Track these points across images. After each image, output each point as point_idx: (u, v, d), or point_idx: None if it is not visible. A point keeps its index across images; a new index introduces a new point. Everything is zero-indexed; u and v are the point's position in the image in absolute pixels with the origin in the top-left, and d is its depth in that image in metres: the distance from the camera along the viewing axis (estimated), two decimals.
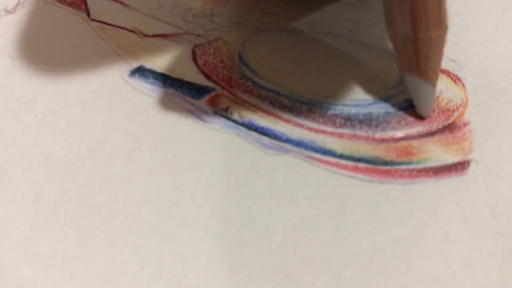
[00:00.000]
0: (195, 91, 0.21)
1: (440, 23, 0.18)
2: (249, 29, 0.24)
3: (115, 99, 0.21)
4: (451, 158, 0.19)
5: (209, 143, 0.20)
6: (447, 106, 0.21)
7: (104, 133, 0.20)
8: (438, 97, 0.21)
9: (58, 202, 0.19)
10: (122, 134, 0.20)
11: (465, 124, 0.20)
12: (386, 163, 0.19)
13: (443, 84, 0.21)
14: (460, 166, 0.19)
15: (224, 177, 0.19)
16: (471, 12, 0.24)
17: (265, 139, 0.20)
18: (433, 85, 0.19)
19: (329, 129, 0.20)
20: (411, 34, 0.18)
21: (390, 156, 0.19)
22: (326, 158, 0.19)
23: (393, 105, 0.21)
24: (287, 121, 0.20)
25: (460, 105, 0.21)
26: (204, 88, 0.22)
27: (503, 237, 0.17)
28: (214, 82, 0.22)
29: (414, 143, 0.20)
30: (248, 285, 0.17)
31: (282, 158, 0.19)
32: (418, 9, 0.18)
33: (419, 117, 0.20)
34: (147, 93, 0.21)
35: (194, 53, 0.23)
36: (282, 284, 0.17)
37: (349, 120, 0.20)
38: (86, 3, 0.25)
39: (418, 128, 0.20)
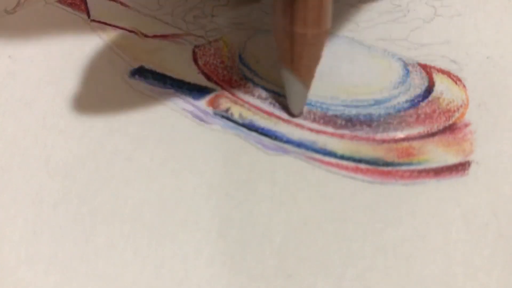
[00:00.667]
0: (196, 91, 0.21)
1: (319, 23, 0.18)
2: (249, 30, 0.24)
3: (115, 100, 0.21)
4: (452, 159, 0.19)
5: (209, 144, 0.20)
6: (448, 107, 0.21)
7: (104, 134, 0.20)
8: (438, 98, 0.21)
9: (58, 203, 0.19)
10: (123, 135, 0.20)
11: (466, 125, 0.20)
12: (387, 164, 0.19)
13: (443, 85, 0.21)
14: (461, 167, 0.19)
15: (225, 178, 0.19)
16: (472, 13, 0.24)
17: (266, 140, 0.20)
18: (306, 84, 0.20)
19: (330, 130, 0.20)
20: (288, 27, 0.18)
21: (391, 157, 0.19)
22: (327, 159, 0.19)
23: (394, 106, 0.21)
24: (288, 122, 0.20)
25: (461, 106, 0.21)
26: (205, 88, 0.22)
27: (504, 238, 0.17)
28: (215, 82, 0.22)
29: (415, 144, 0.20)
30: (249, 286, 0.17)
31: (283, 159, 0.19)
32: (298, 4, 0.18)
33: (422, 118, 0.20)
34: (148, 93, 0.21)
35: (194, 54, 0.23)
36: (283, 285, 0.17)
37: (350, 121, 0.20)
38: (86, 4, 0.25)
39: (419, 129, 0.20)
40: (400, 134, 0.20)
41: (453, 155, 0.19)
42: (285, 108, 0.21)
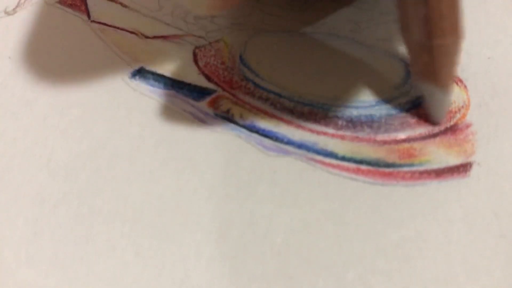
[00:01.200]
0: (196, 93, 0.21)
1: (455, 30, 0.18)
2: (250, 31, 0.24)
3: (115, 101, 0.21)
4: (453, 160, 0.19)
5: (210, 145, 0.20)
6: (449, 108, 0.20)
7: (105, 135, 0.20)
8: None
9: (59, 203, 0.19)
10: (123, 136, 0.20)
11: (467, 126, 0.20)
12: (388, 165, 0.19)
13: None
14: (462, 168, 0.19)
15: (226, 179, 0.19)
16: (473, 13, 0.24)
17: (266, 141, 0.20)
18: (449, 91, 0.19)
19: (331, 131, 0.20)
20: (426, 41, 0.18)
21: (392, 158, 0.19)
22: (328, 160, 0.19)
23: (395, 106, 0.21)
24: (289, 123, 0.20)
25: (462, 107, 0.21)
26: (205, 89, 0.21)
27: (505, 239, 0.17)
28: (215, 83, 0.22)
29: (416, 145, 0.19)
30: None
31: (283, 160, 0.19)
32: (433, 15, 0.17)
33: (423, 119, 0.20)
34: (148, 95, 0.21)
35: (195, 55, 0.23)
36: (284, 287, 0.17)
37: (351, 122, 0.20)
38: (86, 5, 0.25)
39: (420, 130, 0.20)
40: (401, 135, 0.20)
41: (454, 156, 0.19)
42: (286, 109, 0.21)
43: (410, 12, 0.18)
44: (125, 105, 0.21)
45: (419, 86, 0.20)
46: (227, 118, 0.21)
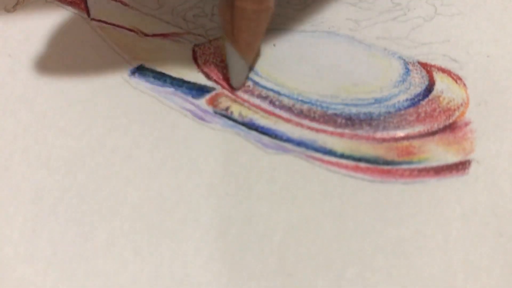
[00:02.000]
0: (195, 90, 0.21)
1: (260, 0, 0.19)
2: None
3: (115, 99, 0.21)
4: (452, 158, 0.19)
5: (209, 142, 0.20)
6: (448, 106, 0.21)
7: (104, 133, 0.20)
8: (439, 97, 0.21)
9: (58, 201, 0.19)
10: (122, 133, 0.20)
11: (466, 124, 0.20)
12: (387, 162, 0.19)
13: (444, 84, 0.21)
14: (461, 166, 0.19)
15: (225, 177, 0.19)
16: (472, 11, 0.24)
17: (265, 138, 0.20)
18: (246, 58, 0.20)
19: (330, 128, 0.20)
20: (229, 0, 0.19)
21: (391, 155, 0.19)
22: (327, 157, 0.19)
23: (394, 104, 0.21)
24: (288, 120, 0.20)
25: (461, 104, 0.21)
26: (204, 87, 0.21)
27: (504, 237, 0.17)
28: (215, 81, 0.22)
29: (415, 142, 0.19)
30: (248, 285, 0.17)
31: (282, 158, 0.19)
32: None
33: (420, 117, 0.20)
34: (147, 92, 0.21)
35: (194, 53, 0.23)
36: (283, 284, 0.17)
37: (350, 120, 0.20)
38: (86, 3, 0.25)
39: (419, 127, 0.20)
40: (400, 133, 0.20)
41: (453, 154, 0.19)
42: (285, 107, 0.21)
43: None
44: (124, 103, 0.21)
45: (225, 47, 0.20)
46: (226, 115, 0.21)
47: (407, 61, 0.22)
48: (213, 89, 0.21)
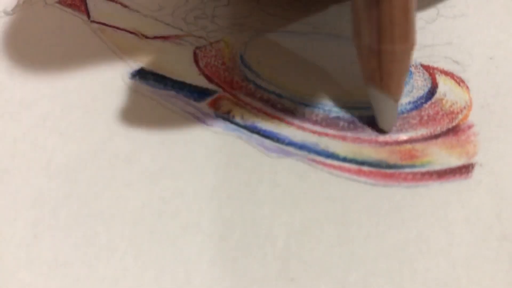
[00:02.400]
0: (197, 93, 0.21)
1: (406, 37, 0.18)
2: (250, 31, 0.24)
3: (115, 102, 0.21)
4: (455, 161, 0.19)
5: (211, 146, 0.20)
6: (451, 109, 0.20)
7: (105, 136, 0.20)
8: (442, 100, 0.21)
9: (58, 206, 0.18)
10: (123, 137, 0.20)
11: (469, 127, 0.20)
12: (389, 166, 0.19)
13: (446, 86, 0.21)
14: (464, 169, 0.19)
15: (226, 181, 0.19)
16: (475, 13, 0.24)
17: (267, 142, 0.20)
18: (395, 99, 0.19)
19: (332, 131, 0.20)
20: (375, 45, 0.18)
21: (393, 159, 0.19)
22: (329, 161, 0.19)
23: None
24: (290, 123, 0.20)
25: (464, 107, 0.20)
26: (206, 90, 0.21)
27: (508, 241, 0.17)
28: (216, 84, 0.22)
29: (418, 146, 0.19)
30: None
31: (285, 161, 0.19)
32: (384, 20, 0.17)
33: (423, 120, 0.20)
34: (148, 95, 0.21)
35: (195, 55, 0.23)
36: None
37: (352, 123, 0.20)
38: (86, 5, 0.25)
39: (422, 131, 0.20)
40: (403, 136, 0.20)
41: (456, 157, 0.19)
42: (287, 110, 0.21)
43: (362, 15, 0.18)
44: (125, 106, 0.21)
45: (368, 93, 0.20)
46: (228, 119, 0.20)
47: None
48: (214, 92, 0.21)
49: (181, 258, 0.17)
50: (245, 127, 0.20)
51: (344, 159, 0.19)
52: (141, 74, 0.22)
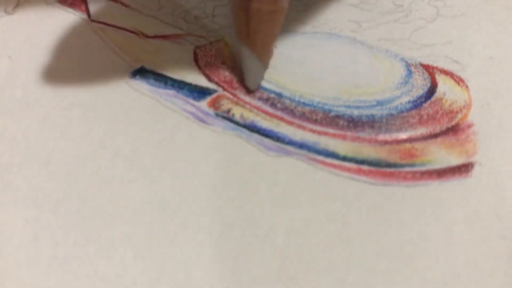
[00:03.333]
0: (197, 92, 0.21)
1: (275, 0, 0.19)
2: None
3: (116, 101, 0.21)
4: (454, 160, 0.19)
5: (211, 145, 0.20)
6: (451, 108, 0.20)
7: (105, 135, 0.20)
8: (441, 99, 0.21)
9: (58, 205, 0.19)
10: (123, 136, 0.20)
11: (469, 126, 0.20)
12: (389, 165, 0.19)
13: (446, 86, 0.21)
14: (464, 168, 0.19)
15: (226, 179, 0.19)
16: (474, 13, 0.24)
17: (267, 141, 0.20)
18: (262, 61, 0.20)
19: (332, 131, 0.20)
20: (244, 2, 0.19)
21: (393, 158, 0.19)
22: (329, 160, 0.19)
23: (396, 107, 0.20)
24: (290, 122, 0.20)
25: (464, 106, 0.20)
26: (206, 89, 0.21)
27: (507, 240, 0.17)
28: (216, 83, 0.22)
29: (418, 145, 0.19)
30: None
31: (284, 160, 0.19)
32: None
33: (422, 119, 0.20)
34: (148, 94, 0.21)
35: (195, 54, 0.23)
36: None
37: (352, 122, 0.20)
38: (86, 4, 0.25)
39: (422, 130, 0.20)
40: (402, 135, 0.20)
41: (456, 156, 0.19)
42: (287, 109, 0.21)
43: None
44: (125, 105, 0.21)
45: (238, 49, 0.20)
46: (228, 118, 0.20)
47: (409, 62, 0.22)
48: (214, 91, 0.21)
49: (181, 257, 0.17)
50: (244, 126, 0.20)
51: (344, 158, 0.19)
52: (141, 73, 0.22)
